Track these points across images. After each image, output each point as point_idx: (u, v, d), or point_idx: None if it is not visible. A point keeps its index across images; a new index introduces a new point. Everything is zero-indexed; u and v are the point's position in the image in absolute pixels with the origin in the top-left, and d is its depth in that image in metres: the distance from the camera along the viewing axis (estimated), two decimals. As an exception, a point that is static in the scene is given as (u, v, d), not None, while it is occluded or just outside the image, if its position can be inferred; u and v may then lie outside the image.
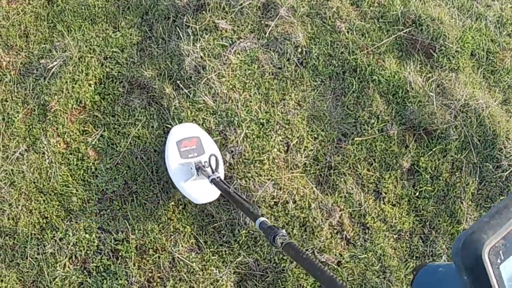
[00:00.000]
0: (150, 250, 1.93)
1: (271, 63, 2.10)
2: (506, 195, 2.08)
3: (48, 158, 2.04)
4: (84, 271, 1.95)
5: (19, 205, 2.01)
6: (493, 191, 2.10)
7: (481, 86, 2.23)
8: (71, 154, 2.06)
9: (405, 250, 2.02)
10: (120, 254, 1.94)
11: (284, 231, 1.21)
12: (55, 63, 2.14)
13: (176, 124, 2.00)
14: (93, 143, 2.07)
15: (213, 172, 1.76)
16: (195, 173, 1.80)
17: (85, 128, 2.10)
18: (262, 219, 1.33)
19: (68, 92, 2.10)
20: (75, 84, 2.11)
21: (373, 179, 2.04)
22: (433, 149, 2.09)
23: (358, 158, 2.05)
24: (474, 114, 2.12)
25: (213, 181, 1.69)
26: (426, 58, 2.21)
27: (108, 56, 2.16)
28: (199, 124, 2.00)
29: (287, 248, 1.14)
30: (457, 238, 0.61)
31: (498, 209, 0.61)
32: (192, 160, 1.85)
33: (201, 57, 2.07)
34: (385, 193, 2.04)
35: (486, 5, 2.43)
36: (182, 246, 1.94)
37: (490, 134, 2.12)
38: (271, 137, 2.01)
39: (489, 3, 2.44)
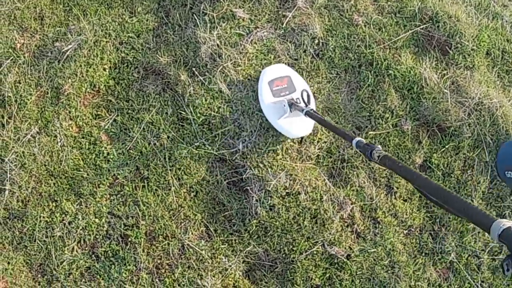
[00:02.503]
0: (160, 236, 1.92)
1: (288, 54, 2.08)
2: (517, 194, 2.08)
3: (60, 141, 2.03)
4: (92, 255, 1.94)
5: (29, 187, 1.99)
6: (504, 190, 2.10)
7: (496, 85, 2.23)
8: (83, 138, 2.04)
9: (415, 246, 2.02)
10: (129, 239, 1.93)
11: (379, 146, 1.29)
12: (70, 46, 2.13)
13: (191, 111, 1.99)
14: (106, 127, 2.06)
15: (306, 106, 1.86)
16: (288, 109, 1.87)
17: (98, 112, 2.08)
18: (358, 138, 1.43)
19: (82, 76, 2.09)
20: (90, 68, 2.10)
21: (385, 174, 2.03)
22: (446, 146, 2.08)
23: (371, 152, 2.04)
24: (487, 113, 2.12)
25: (307, 113, 1.75)
26: (442, 55, 2.20)
27: (123, 41, 2.15)
28: (214, 112, 1.99)
29: (384, 160, 1.23)
30: None
31: None
32: (284, 98, 1.92)
33: (218, 45, 2.06)
34: (397, 188, 2.03)
35: (502, 4, 2.42)
36: (192, 233, 1.93)
37: (503, 133, 2.11)
38: (285, 128, 1.99)
39: (505, 3, 2.44)
